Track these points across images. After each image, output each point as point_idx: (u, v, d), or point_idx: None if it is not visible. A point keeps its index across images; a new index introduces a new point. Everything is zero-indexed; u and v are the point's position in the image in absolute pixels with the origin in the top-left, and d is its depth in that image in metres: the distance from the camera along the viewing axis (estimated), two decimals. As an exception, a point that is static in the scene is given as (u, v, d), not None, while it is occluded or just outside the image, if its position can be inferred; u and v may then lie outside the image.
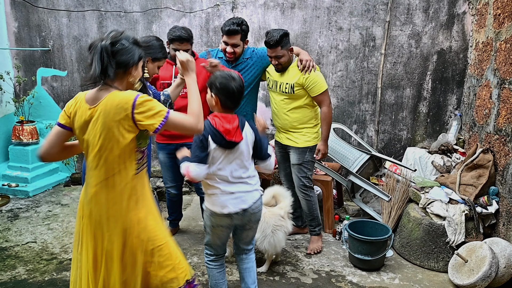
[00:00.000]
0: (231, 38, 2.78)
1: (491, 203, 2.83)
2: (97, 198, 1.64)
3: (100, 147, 1.59)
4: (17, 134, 4.24)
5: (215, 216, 2.00)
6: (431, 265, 2.84)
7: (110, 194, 1.63)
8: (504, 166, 2.80)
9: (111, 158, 1.60)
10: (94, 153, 1.60)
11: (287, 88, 2.81)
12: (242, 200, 1.99)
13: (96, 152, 1.60)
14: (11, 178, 4.20)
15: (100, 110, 1.57)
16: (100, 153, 1.60)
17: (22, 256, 2.91)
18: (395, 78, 3.87)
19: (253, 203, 2.02)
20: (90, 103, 1.61)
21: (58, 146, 1.68)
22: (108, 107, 1.56)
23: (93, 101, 1.61)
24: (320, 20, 3.87)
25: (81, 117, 1.62)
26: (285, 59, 2.77)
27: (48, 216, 3.61)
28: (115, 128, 1.56)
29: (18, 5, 4.28)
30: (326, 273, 2.78)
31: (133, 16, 4.13)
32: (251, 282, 2.20)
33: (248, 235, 2.15)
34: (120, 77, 1.63)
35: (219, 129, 1.89)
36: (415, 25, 3.74)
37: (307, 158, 2.90)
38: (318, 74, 2.79)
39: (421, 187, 3.12)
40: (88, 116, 1.60)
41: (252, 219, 2.06)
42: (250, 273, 2.20)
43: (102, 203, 1.64)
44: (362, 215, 3.60)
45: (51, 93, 4.47)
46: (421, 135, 3.93)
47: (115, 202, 1.64)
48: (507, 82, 2.83)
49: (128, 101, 1.55)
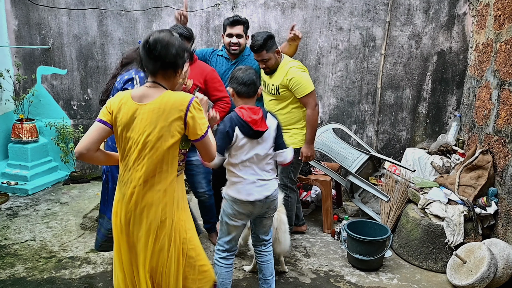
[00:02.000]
0: (235, 28, 2.82)
1: (490, 204, 2.83)
2: (138, 198, 1.63)
3: (146, 145, 1.59)
4: (17, 132, 4.24)
5: (238, 204, 2.07)
6: (429, 266, 2.85)
7: (153, 195, 1.63)
8: (503, 167, 2.80)
9: (156, 157, 1.60)
10: (138, 151, 1.60)
11: (273, 90, 2.81)
12: (265, 188, 2.09)
13: (141, 149, 1.60)
14: (10, 176, 4.20)
15: (152, 108, 1.58)
16: (145, 152, 1.60)
17: (21, 254, 2.91)
18: (395, 79, 3.87)
19: (274, 191, 2.14)
20: (138, 101, 1.62)
21: (97, 142, 1.64)
22: (162, 106, 1.58)
23: (142, 98, 1.61)
24: (320, 20, 3.87)
25: (126, 114, 1.61)
26: (272, 62, 2.73)
27: (47, 214, 3.61)
28: (166, 128, 1.58)
29: (18, 3, 4.27)
30: (325, 273, 2.79)
31: (134, 15, 4.13)
32: (269, 274, 2.29)
33: (266, 224, 2.25)
34: (169, 77, 1.66)
35: (247, 120, 1.99)
36: (416, 26, 3.74)
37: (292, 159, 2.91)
38: (303, 75, 2.72)
39: (420, 187, 3.13)
40: (135, 113, 1.60)
41: (271, 206, 2.17)
42: (268, 266, 2.29)
43: (144, 204, 1.63)
44: (361, 215, 3.60)
45: (51, 91, 4.47)
46: (421, 135, 3.93)
47: (157, 203, 1.64)
48: (507, 83, 2.83)
49: (184, 102, 1.59)
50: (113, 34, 4.22)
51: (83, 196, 4.05)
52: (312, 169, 3.54)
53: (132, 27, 4.17)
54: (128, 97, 1.63)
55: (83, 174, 4.55)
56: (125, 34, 4.20)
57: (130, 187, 1.63)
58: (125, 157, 1.66)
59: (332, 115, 4.03)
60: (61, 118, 4.45)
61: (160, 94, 1.60)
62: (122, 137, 1.64)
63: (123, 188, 1.66)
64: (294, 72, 2.70)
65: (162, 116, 1.58)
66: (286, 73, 2.72)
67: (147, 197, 1.63)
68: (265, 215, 2.19)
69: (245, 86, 2.05)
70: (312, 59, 3.95)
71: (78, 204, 3.86)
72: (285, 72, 2.73)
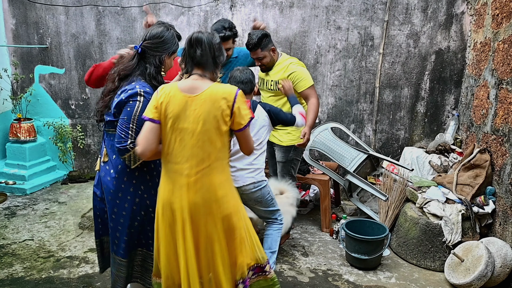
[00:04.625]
0: (224, 44, 2.81)
1: (488, 203, 2.84)
2: (197, 186, 1.71)
3: (204, 134, 1.69)
4: (15, 131, 4.23)
5: None
6: (427, 265, 2.85)
7: (212, 180, 1.73)
8: (501, 166, 2.80)
9: (211, 146, 1.71)
10: (195, 140, 1.69)
11: (272, 85, 2.86)
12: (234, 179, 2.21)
13: (197, 139, 1.69)
14: (8, 175, 4.19)
15: (204, 98, 1.69)
16: (203, 141, 1.70)
17: (19, 254, 2.91)
18: (393, 78, 3.87)
19: (243, 185, 2.31)
20: (187, 92, 1.71)
21: (156, 140, 1.74)
22: (213, 96, 1.69)
23: (191, 90, 1.72)
24: (318, 19, 3.87)
25: (178, 106, 1.69)
26: (267, 60, 2.81)
27: (45, 214, 3.60)
28: (219, 116, 1.69)
29: (16, 2, 4.26)
30: (323, 272, 2.79)
31: (131, 14, 4.12)
32: (266, 247, 2.48)
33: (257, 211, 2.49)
34: (212, 70, 1.79)
35: None
36: (414, 25, 3.74)
37: (291, 156, 2.93)
38: (304, 70, 2.83)
39: (418, 186, 3.13)
40: (187, 104, 1.69)
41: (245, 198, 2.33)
42: (267, 239, 2.52)
43: (205, 190, 1.72)
44: (359, 214, 3.60)
45: (49, 90, 4.46)
46: (419, 134, 3.94)
47: (217, 188, 1.74)
48: (504, 82, 2.83)
49: (231, 93, 1.72)
50: (111, 33, 4.21)
51: (81, 196, 4.05)
52: (310, 168, 3.54)
53: (130, 26, 4.16)
54: (175, 90, 1.72)
55: (81, 173, 4.55)
56: (123, 33, 4.19)
57: (189, 175, 1.70)
58: (176, 148, 1.72)
59: (330, 114, 4.03)
60: (59, 118, 4.45)
61: (209, 86, 1.72)
62: (174, 128, 1.71)
63: (179, 178, 1.72)
64: (294, 67, 2.81)
65: (214, 106, 1.69)
66: (286, 68, 2.80)
67: (209, 182, 1.72)
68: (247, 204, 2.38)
69: (242, 84, 2.27)
70: (310, 58, 3.95)
71: (76, 203, 3.86)
72: (285, 67, 2.81)
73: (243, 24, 3.97)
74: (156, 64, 1.93)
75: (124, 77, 1.92)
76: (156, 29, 1.94)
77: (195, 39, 1.74)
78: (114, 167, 1.94)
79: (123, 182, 1.93)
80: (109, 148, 1.99)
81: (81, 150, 4.50)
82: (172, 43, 1.98)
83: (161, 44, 1.92)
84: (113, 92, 1.94)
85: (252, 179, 2.35)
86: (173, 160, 1.73)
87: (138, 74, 1.91)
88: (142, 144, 1.71)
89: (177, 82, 1.78)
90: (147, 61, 1.93)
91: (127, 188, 1.94)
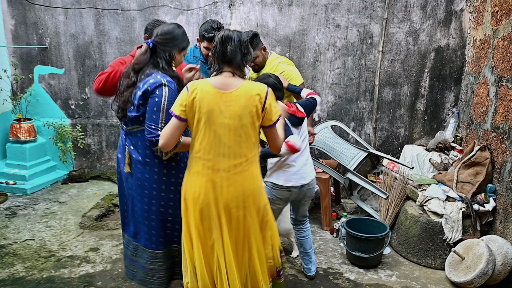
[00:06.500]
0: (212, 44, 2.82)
1: (488, 201, 2.83)
2: (235, 180, 1.77)
3: (239, 129, 1.75)
4: (15, 132, 4.23)
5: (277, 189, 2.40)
6: (428, 263, 2.85)
7: (249, 173, 1.80)
8: (501, 163, 2.80)
9: (247, 140, 1.78)
10: (231, 135, 1.75)
11: None
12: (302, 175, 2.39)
13: (234, 134, 1.75)
14: (8, 176, 4.20)
15: (239, 95, 1.75)
16: (240, 135, 1.76)
17: (20, 254, 2.91)
18: (393, 76, 3.87)
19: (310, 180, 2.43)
20: (221, 89, 1.77)
21: (179, 136, 1.82)
22: (248, 93, 1.76)
23: (225, 87, 1.77)
24: (317, 18, 3.86)
25: (212, 101, 1.75)
26: (259, 59, 2.85)
27: (46, 214, 3.61)
28: (253, 113, 1.76)
29: (15, 3, 4.26)
30: (324, 270, 2.79)
31: (131, 14, 4.12)
32: (308, 247, 2.65)
33: (303, 207, 2.60)
34: (241, 68, 1.85)
35: (291, 112, 2.35)
36: (413, 23, 3.73)
37: None
38: (293, 68, 2.88)
39: (418, 184, 3.13)
40: (222, 100, 1.75)
41: (305, 194, 2.47)
42: (307, 240, 2.65)
43: (243, 184, 1.78)
44: (359, 213, 3.60)
45: (49, 91, 4.46)
46: (419, 132, 3.94)
47: (253, 181, 1.82)
48: (504, 79, 2.83)
49: (263, 90, 1.80)
50: (110, 33, 4.21)
51: (82, 195, 4.05)
52: (310, 166, 3.54)
53: (129, 26, 4.15)
54: (209, 86, 1.77)
55: (81, 173, 4.55)
56: (122, 33, 4.19)
57: (227, 170, 1.76)
58: (210, 143, 1.76)
59: (330, 112, 4.03)
60: (59, 118, 4.45)
61: (242, 83, 1.79)
62: (208, 124, 1.75)
63: (214, 173, 1.77)
64: (284, 67, 2.86)
65: (249, 102, 1.75)
66: (275, 67, 2.84)
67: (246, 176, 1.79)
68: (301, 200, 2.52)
69: (276, 91, 2.29)
70: (309, 56, 3.95)
71: (77, 203, 3.86)
72: (274, 66, 2.85)
73: (242, 23, 3.96)
74: (166, 58, 1.99)
75: (139, 70, 2.00)
76: (167, 26, 2.03)
77: (226, 37, 1.79)
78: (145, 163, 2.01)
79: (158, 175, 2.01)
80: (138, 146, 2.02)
81: (81, 150, 4.50)
82: (182, 39, 2.05)
83: (172, 40, 1.99)
84: (132, 86, 1.99)
85: (314, 173, 2.49)
86: (206, 156, 1.77)
87: (151, 68, 1.98)
88: (166, 138, 1.78)
89: (208, 79, 1.82)
90: (158, 56, 2.00)
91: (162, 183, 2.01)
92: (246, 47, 1.85)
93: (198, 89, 1.76)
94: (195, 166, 1.81)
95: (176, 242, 2.09)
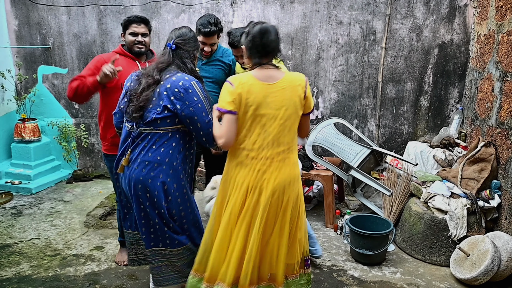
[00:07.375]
0: (209, 39, 2.81)
1: (493, 197, 2.82)
2: (282, 167, 1.83)
3: (286, 119, 1.81)
4: (19, 131, 4.26)
5: None
6: (432, 259, 2.84)
7: (292, 160, 1.88)
8: (506, 159, 2.78)
9: (293, 129, 1.86)
10: (277, 125, 1.80)
11: None
12: None
13: (282, 123, 1.81)
14: (13, 175, 4.23)
15: (283, 86, 1.82)
16: (284, 125, 1.82)
17: (26, 252, 2.93)
18: (396, 72, 3.85)
19: None
20: (265, 81, 1.82)
21: (236, 131, 1.84)
22: (291, 84, 1.83)
23: (268, 79, 1.82)
24: (320, 14, 3.85)
25: (259, 94, 1.79)
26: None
27: (51, 213, 3.63)
28: (298, 102, 1.84)
29: (18, 3, 4.28)
30: (328, 267, 2.79)
31: (133, 11, 4.12)
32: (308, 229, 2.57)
33: None
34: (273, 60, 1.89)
35: None
36: (416, 18, 3.71)
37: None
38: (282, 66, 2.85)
39: (422, 181, 3.12)
40: (267, 92, 1.80)
41: None
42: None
43: (288, 171, 1.85)
44: (363, 210, 3.60)
45: (52, 90, 4.48)
46: (422, 129, 3.92)
47: (295, 167, 1.90)
48: (509, 75, 2.81)
49: (303, 80, 1.88)
50: (113, 32, 4.22)
51: (86, 194, 4.07)
52: (314, 164, 3.54)
53: (132, 24, 4.15)
54: (253, 79, 1.81)
55: (85, 172, 4.57)
56: (125, 32, 4.19)
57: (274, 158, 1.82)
58: (256, 134, 1.81)
59: (333, 109, 4.02)
60: (63, 117, 4.47)
61: (283, 74, 1.85)
62: (254, 115, 1.80)
63: (258, 163, 1.81)
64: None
65: (293, 92, 1.82)
66: None
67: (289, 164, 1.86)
68: None
69: None
70: (312, 53, 3.93)
71: (81, 202, 3.88)
72: None
73: (244, 20, 3.95)
74: (191, 58, 2.03)
75: (162, 69, 1.98)
76: (181, 30, 2.05)
77: (265, 29, 1.82)
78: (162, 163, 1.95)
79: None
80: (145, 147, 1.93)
81: (85, 149, 4.52)
82: (195, 43, 2.08)
83: (191, 41, 2.04)
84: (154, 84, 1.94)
85: None
86: (250, 146, 1.81)
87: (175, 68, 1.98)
88: (226, 136, 1.80)
89: (248, 72, 1.86)
90: (183, 56, 2.01)
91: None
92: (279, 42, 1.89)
93: (243, 82, 1.80)
94: (239, 157, 1.85)
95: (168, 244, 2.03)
